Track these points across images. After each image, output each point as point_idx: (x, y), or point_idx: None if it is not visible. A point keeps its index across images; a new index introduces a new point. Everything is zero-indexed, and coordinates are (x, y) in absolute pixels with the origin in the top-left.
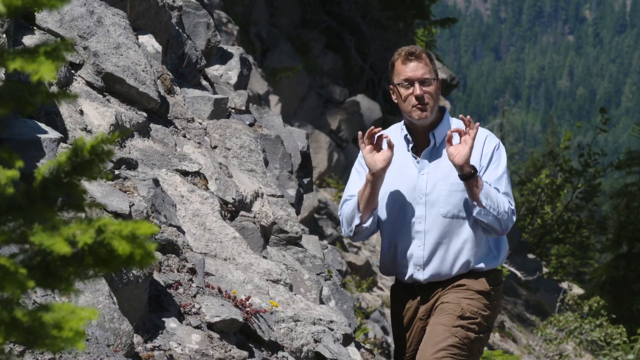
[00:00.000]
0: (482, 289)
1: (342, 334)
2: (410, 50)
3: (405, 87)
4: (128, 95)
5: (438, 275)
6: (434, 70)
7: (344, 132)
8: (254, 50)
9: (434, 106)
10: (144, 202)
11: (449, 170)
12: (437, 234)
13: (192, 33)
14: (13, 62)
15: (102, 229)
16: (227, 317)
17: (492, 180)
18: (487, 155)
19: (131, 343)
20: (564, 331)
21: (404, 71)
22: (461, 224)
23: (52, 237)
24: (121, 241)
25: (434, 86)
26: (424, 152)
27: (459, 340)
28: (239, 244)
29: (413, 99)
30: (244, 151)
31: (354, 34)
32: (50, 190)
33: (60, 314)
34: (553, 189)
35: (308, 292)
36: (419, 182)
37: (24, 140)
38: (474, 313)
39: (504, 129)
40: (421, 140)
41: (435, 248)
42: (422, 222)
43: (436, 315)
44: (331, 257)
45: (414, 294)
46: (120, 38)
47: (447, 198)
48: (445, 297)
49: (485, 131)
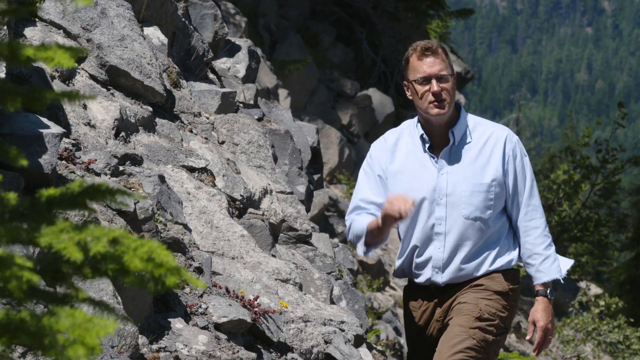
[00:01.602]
0: (501, 289)
1: (353, 335)
2: (426, 46)
3: (421, 83)
4: (133, 89)
5: (457, 278)
6: (450, 65)
7: (355, 127)
8: (262, 42)
9: (450, 102)
10: (150, 200)
11: (470, 170)
12: (457, 235)
13: (198, 25)
14: (25, 49)
15: (118, 240)
16: (235, 318)
17: (522, 193)
18: (510, 159)
19: (136, 344)
20: (582, 332)
21: (420, 67)
22: (482, 224)
23: (62, 241)
24: (134, 258)
25: (451, 82)
26: (442, 151)
27: (476, 342)
28: (247, 242)
29: (430, 95)
30: (252, 146)
31: (365, 26)
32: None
33: (71, 322)
34: (571, 186)
35: (318, 291)
36: (439, 183)
37: (25, 135)
38: (492, 314)
39: (520, 123)
40: (438, 138)
41: (455, 250)
42: (442, 223)
43: (454, 316)
44: (342, 256)
45: (430, 295)
46: (125, 30)
47: (469, 199)
48: (462, 297)
49: (500, 130)
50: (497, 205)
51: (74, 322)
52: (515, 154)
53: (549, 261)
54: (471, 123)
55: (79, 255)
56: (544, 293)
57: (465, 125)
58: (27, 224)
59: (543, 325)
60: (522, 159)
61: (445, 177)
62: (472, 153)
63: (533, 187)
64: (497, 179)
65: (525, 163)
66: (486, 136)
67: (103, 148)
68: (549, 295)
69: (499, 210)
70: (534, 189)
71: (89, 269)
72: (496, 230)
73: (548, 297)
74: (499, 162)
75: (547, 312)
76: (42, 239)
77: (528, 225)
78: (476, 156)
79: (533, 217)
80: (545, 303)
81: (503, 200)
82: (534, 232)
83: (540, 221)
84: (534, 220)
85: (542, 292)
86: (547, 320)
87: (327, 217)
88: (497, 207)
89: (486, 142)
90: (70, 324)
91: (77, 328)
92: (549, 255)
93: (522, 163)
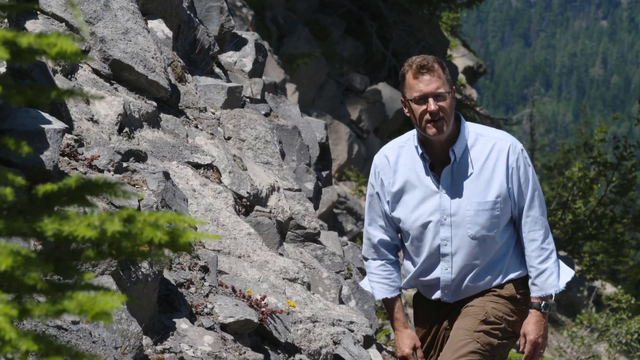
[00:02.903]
0: (509, 294)
1: (362, 336)
2: (421, 63)
3: (418, 102)
4: (137, 84)
5: (467, 295)
6: (447, 81)
7: (365, 123)
8: (269, 36)
9: (449, 120)
10: (154, 197)
11: (473, 188)
12: (465, 255)
13: (204, 18)
14: (25, 37)
15: (131, 218)
16: (242, 318)
17: (524, 203)
18: (514, 171)
19: (140, 345)
20: (595, 332)
21: (416, 86)
22: (490, 242)
23: (73, 224)
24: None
25: (449, 99)
26: (444, 170)
27: (480, 346)
28: (253, 240)
29: (427, 114)
30: (259, 142)
31: (375, 19)
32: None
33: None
34: (586, 183)
35: (327, 291)
36: (442, 203)
37: (26, 131)
38: (499, 318)
39: (534, 119)
40: (439, 156)
41: (463, 270)
42: (448, 244)
43: (460, 319)
44: (351, 254)
45: (439, 305)
46: (129, 23)
47: (474, 218)
48: (470, 300)
49: (502, 140)
50: (503, 220)
51: (79, 302)
52: (519, 165)
53: (544, 276)
54: (472, 135)
55: (93, 233)
56: (538, 306)
57: (466, 139)
58: (26, 218)
59: (532, 339)
60: (525, 170)
61: (448, 196)
62: (475, 169)
63: (534, 198)
64: (502, 194)
65: (529, 173)
66: (489, 148)
67: (106, 144)
68: (543, 309)
69: (506, 223)
70: (534, 200)
71: (93, 251)
72: (504, 243)
73: (541, 310)
74: (503, 176)
75: (538, 325)
76: (49, 226)
77: (527, 237)
78: (479, 172)
79: (532, 228)
80: (538, 317)
81: (509, 213)
82: (532, 244)
83: (538, 233)
84: (532, 232)
85: (535, 305)
86: (537, 334)
87: (335, 215)
88: (504, 221)
89: (489, 156)
90: (75, 304)
91: (83, 306)
92: (544, 270)
93: (526, 174)
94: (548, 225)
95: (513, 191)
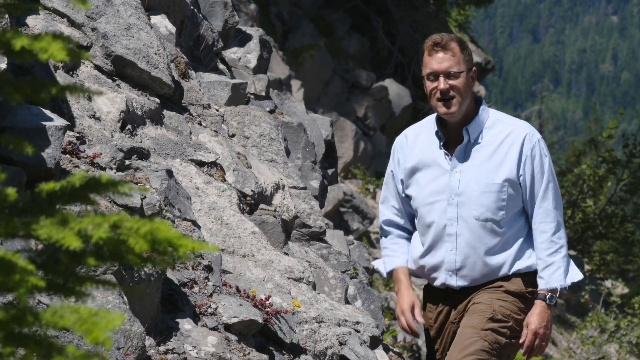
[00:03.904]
0: (518, 291)
1: (369, 336)
2: (436, 40)
3: (430, 80)
4: (139, 80)
5: (473, 281)
6: (464, 60)
7: (371, 120)
8: (274, 31)
9: (462, 100)
10: (157, 195)
11: (483, 169)
12: (469, 237)
13: (208, 13)
14: (19, 39)
15: (118, 224)
16: (246, 318)
17: (537, 194)
18: (527, 160)
19: (143, 346)
20: (605, 332)
21: (429, 63)
22: (495, 226)
23: (61, 231)
24: (138, 239)
25: (463, 79)
26: (457, 149)
27: (488, 344)
28: (258, 239)
29: (438, 92)
30: (263, 140)
31: (381, 14)
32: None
33: (77, 317)
34: (596, 181)
35: (332, 291)
36: (451, 182)
37: (27, 128)
38: (506, 316)
39: (543, 116)
40: (454, 135)
41: (467, 252)
42: (453, 224)
43: (467, 316)
44: (357, 254)
45: (446, 297)
46: (131, 18)
47: (479, 199)
48: (477, 297)
49: (520, 127)
50: (511, 207)
51: (80, 317)
52: (534, 154)
53: (551, 268)
54: (491, 119)
55: (77, 244)
56: (543, 297)
57: (483, 122)
58: (28, 218)
59: (533, 329)
60: (541, 159)
61: (458, 175)
62: (488, 151)
63: (548, 189)
64: (511, 179)
65: (545, 164)
66: (505, 134)
67: (108, 141)
68: (548, 300)
69: (515, 211)
70: (548, 191)
71: (92, 256)
72: (513, 233)
73: (547, 302)
74: (514, 161)
75: (541, 316)
76: (41, 231)
77: (538, 229)
78: (491, 155)
79: (543, 220)
80: (542, 307)
81: (519, 202)
82: (541, 236)
83: (550, 225)
84: (543, 224)
85: (541, 295)
86: (539, 324)
87: (341, 214)
88: (512, 208)
89: (504, 140)
90: (75, 319)
91: (83, 323)
92: (552, 262)
93: (541, 164)
94: (562, 220)
95: (525, 180)
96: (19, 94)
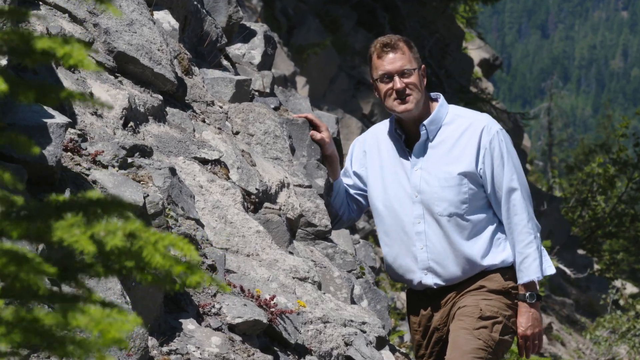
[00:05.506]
0: (500, 288)
1: (375, 337)
2: (384, 42)
3: (384, 81)
4: (142, 77)
5: (448, 279)
6: (414, 58)
7: (377, 117)
8: (279, 27)
9: (418, 97)
10: (160, 193)
11: (442, 165)
12: (438, 233)
13: (212, 9)
14: (40, 40)
15: (135, 234)
16: (250, 318)
17: (501, 188)
18: (487, 153)
19: (145, 346)
20: (616, 333)
21: (381, 65)
22: (461, 220)
23: (74, 235)
24: (155, 254)
25: (416, 75)
26: (415, 146)
27: (483, 342)
28: (262, 238)
29: (394, 92)
30: (268, 137)
31: (388, 10)
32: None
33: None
34: (606, 179)
35: (338, 291)
36: (412, 179)
37: (28, 126)
38: (495, 312)
39: (552, 113)
40: (412, 134)
41: (438, 249)
42: (421, 221)
43: (455, 321)
44: (363, 253)
45: (426, 300)
46: (134, 14)
47: (440, 194)
48: (461, 301)
49: (479, 120)
50: (474, 200)
51: (92, 318)
52: (493, 146)
53: (528, 260)
54: (450, 115)
55: (91, 248)
56: (523, 298)
57: (442, 118)
58: (37, 223)
59: (521, 333)
60: (501, 152)
61: (418, 173)
62: (446, 146)
63: (513, 180)
64: (469, 172)
65: (505, 155)
66: (463, 128)
67: (110, 139)
68: (528, 299)
69: (480, 205)
70: (513, 182)
71: (101, 266)
72: (482, 225)
73: (527, 301)
74: (473, 155)
75: (525, 317)
76: (54, 234)
77: (510, 222)
78: (449, 149)
79: (515, 212)
80: (524, 308)
81: (482, 195)
82: (515, 228)
83: (520, 217)
84: (515, 217)
85: (521, 296)
86: (526, 326)
87: None
88: (475, 201)
89: (462, 134)
90: (87, 320)
91: (98, 323)
92: (528, 254)
93: (501, 156)
94: (532, 211)
95: (485, 173)
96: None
